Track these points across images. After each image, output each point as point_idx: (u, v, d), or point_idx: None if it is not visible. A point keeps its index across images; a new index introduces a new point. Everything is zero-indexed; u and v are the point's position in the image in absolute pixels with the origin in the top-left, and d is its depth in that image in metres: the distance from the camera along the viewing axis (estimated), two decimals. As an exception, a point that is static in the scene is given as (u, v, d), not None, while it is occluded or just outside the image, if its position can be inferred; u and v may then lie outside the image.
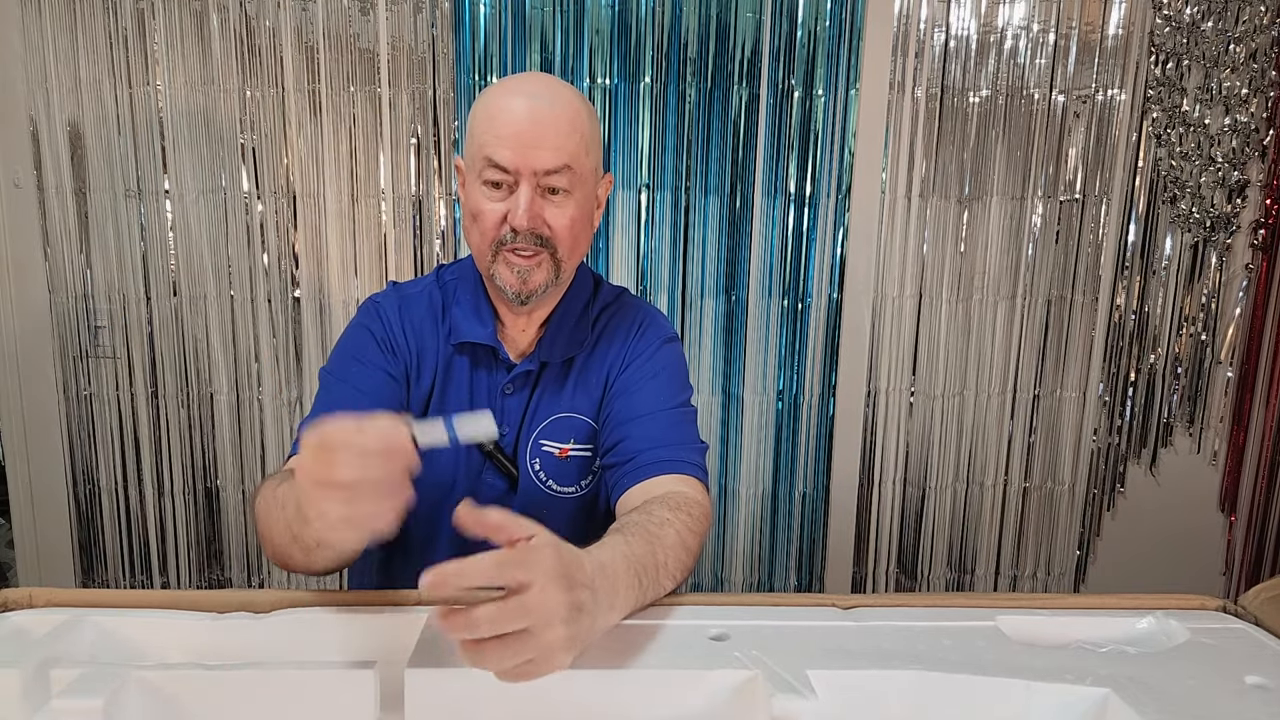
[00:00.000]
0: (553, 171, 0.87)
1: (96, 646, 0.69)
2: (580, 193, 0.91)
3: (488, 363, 0.99)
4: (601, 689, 0.63)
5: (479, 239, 0.91)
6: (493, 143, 0.87)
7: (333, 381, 0.95)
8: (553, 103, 0.87)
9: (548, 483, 1.00)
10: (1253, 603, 0.81)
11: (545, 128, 0.86)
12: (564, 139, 0.87)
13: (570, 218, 0.90)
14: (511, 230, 0.88)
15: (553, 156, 0.87)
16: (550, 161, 0.87)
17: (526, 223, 0.88)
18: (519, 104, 0.87)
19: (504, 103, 0.87)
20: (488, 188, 0.89)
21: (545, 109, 0.87)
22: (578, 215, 0.91)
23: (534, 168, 0.87)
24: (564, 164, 0.87)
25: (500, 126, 0.86)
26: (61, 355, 1.95)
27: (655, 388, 0.98)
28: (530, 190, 0.87)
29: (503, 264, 0.90)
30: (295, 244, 1.91)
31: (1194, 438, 2.06)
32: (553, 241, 0.90)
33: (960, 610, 0.78)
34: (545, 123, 0.86)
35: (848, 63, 1.87)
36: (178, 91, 1.84)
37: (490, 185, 0.89)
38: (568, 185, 0.89)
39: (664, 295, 1.95)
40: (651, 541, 0.75)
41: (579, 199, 0.91)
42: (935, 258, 1.97)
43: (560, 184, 0.88)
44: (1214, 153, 1.91)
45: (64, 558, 2.02)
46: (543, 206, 0.89)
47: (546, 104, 0.87)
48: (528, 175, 0.87)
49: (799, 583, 2.09)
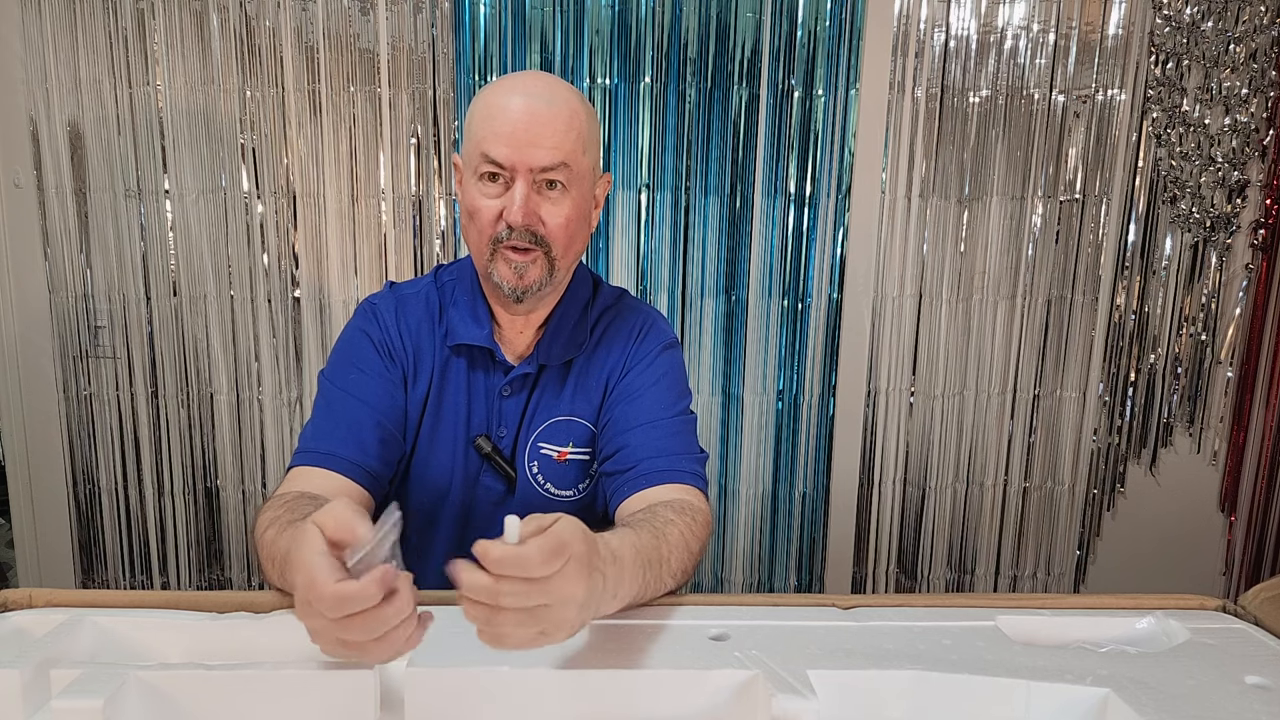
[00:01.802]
0: (549, 168, 0.87)
1: (96, 646, 0.69)
2: (577, 191, 0.91)
3: (485, 365, 0.99)
4: (601, 689, 0.63)
5: (476, 236, 0.91)
6: (490, 139, 0.87)
7: (332, 390, 0.95)
8: (550, 101, 0.87)
9: (545, 486, 0.99)
10: (1253, 603, 0.81)
11: (542, 125, 0.86)
12: (560, 137, 0.87)
13: (565, 216, 0.90)
14: (507, 226, 0.88)
15: (549, 154, 0.87)
16: (546, 159, 0.87)
17: (521, 218, 0.87)
18: (517, 102, 0.87)
19: (502, 100, 0.87)
20: (484, 183, 0.89)
21: (543, 107, 0.87)
22: (573, 214, 0.91)
23: (530, 164, 0.87)
24: (560, 161, 0.87)
25: (498, 124, 0.86)
26: (61, 355, 1.95)
27: (655, 395, 0.97)
28: (526, 186, 0.87)
29: (500, 261, 0.90)
30: (295, 244, 1.91)
31: (1194, 438, 2.06)
32: (547, 239, 0.90)
33: (960, 610, 0.78)
34: (542, 120, 0.86)
35: (848, 63, 1.87)
36: (178, 91, 1.84)
37: (487, 181, 0.89)
38: (564, 182, 0.89)
39: (664, 295, 1.95)
40: (658, 537, 0.76)
41: (575, 198, 0.91)
42: (935, 258, 1.97)
43: (558, 179, 0.89)
44: (1214, 153, 1.91)
45: (64, 558, 2.02)
46: (538, 203, 0.89)
47: (544, 102, 0.87)
48: (524, 172, 0.87)
49: (799, 583, 2.09)
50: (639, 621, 0.73)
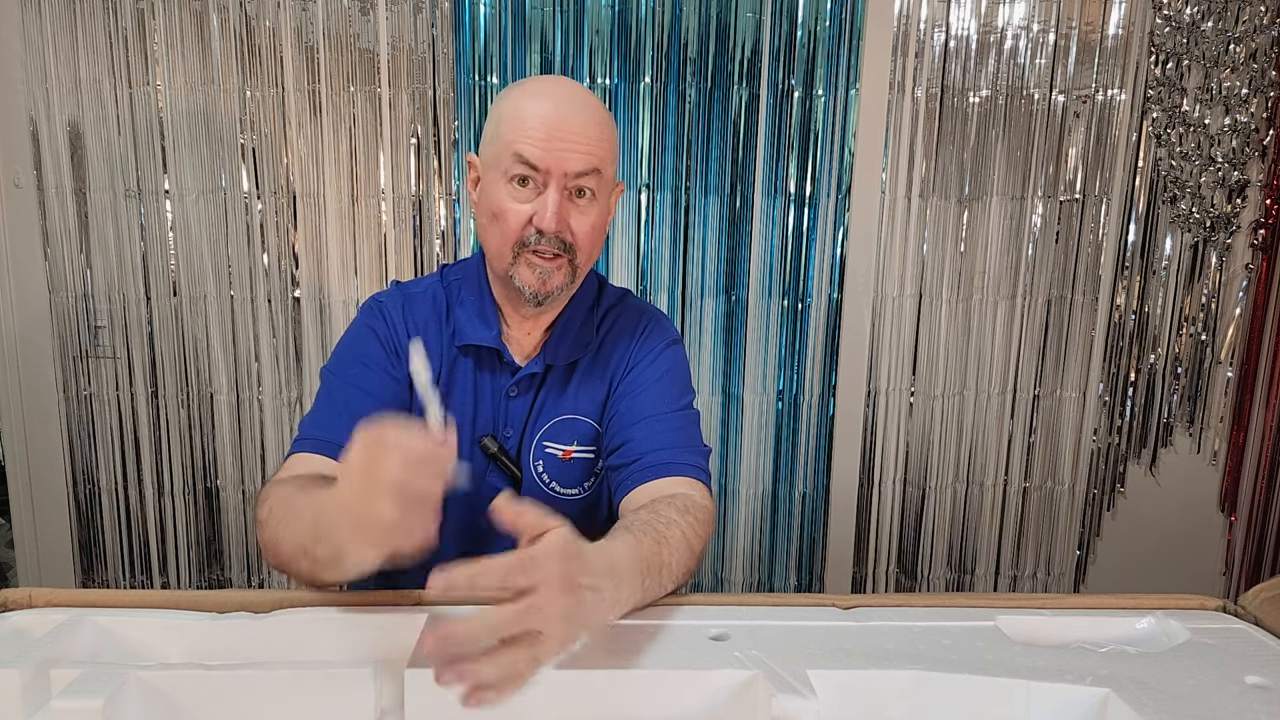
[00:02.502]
0: (583, 174, 0.87)
1: (96, 646, 0.69)
2: (602, 199, 0.92)
3: (492, 365, 0.99)
4: (601, 689, 0.63)
5: (500, 238, 0.90)
6: (523, 140, 0.86)
7: (335, 381, 0.95)
8: (583, 107, 0.88)
9: (551, 484, 1.00)
10: (1253, 603, 0.81)
11: (577, 130, 0.86)
12: (594, 144, 0.87)
13: (592, 224, 0.90)
14: (537, 231, 0.88)
15: (583, 160, 0.87)
16: (581, 164, 0.87)
17: (554, 225, 0.87)
18: (549, 106, 0.86)
19: (535, 103, 0.87)
20: (514, 186, 0.88)
21: (577, 112, 0.87)
22: (599, 222, 0.92)
23: (565, 169, 0.86)
24: (594, 168, 0.88)
25: (531, 126, 0.86)
26: (61, 355, 1.95)
27: (660, 390, 0.98)
28: (558, 192, 0.87)
29: (524, 265, 0.90)
30: (295, 244, 1.91)
31: (1194, 438, 2.06)
32: (574, 247, 0.90)
33: (960, 610, 0.78)
34: (577, 125, 0.86)
35: (848, 63, 1.87)
36: (178, 91, 1.84)
37: (517, 183, 0.88)
38: (594, 189, 0.89)
39: (664, 295, 1.95)
40: (659, 541, 0.76)
41: (601, 205, 0.91)
42: (935, 258, 1.97)
43: (588, 186, 0.89)
44: (1214, 153, 1.91)
45: (64, 558, 2.02)
46: (569, 210, 0.89)
47: (577, 108, 0.87)
48: (558, 176, 0.87)
49: (799, 583, 2.09)
50: (639, 621, 0.73)
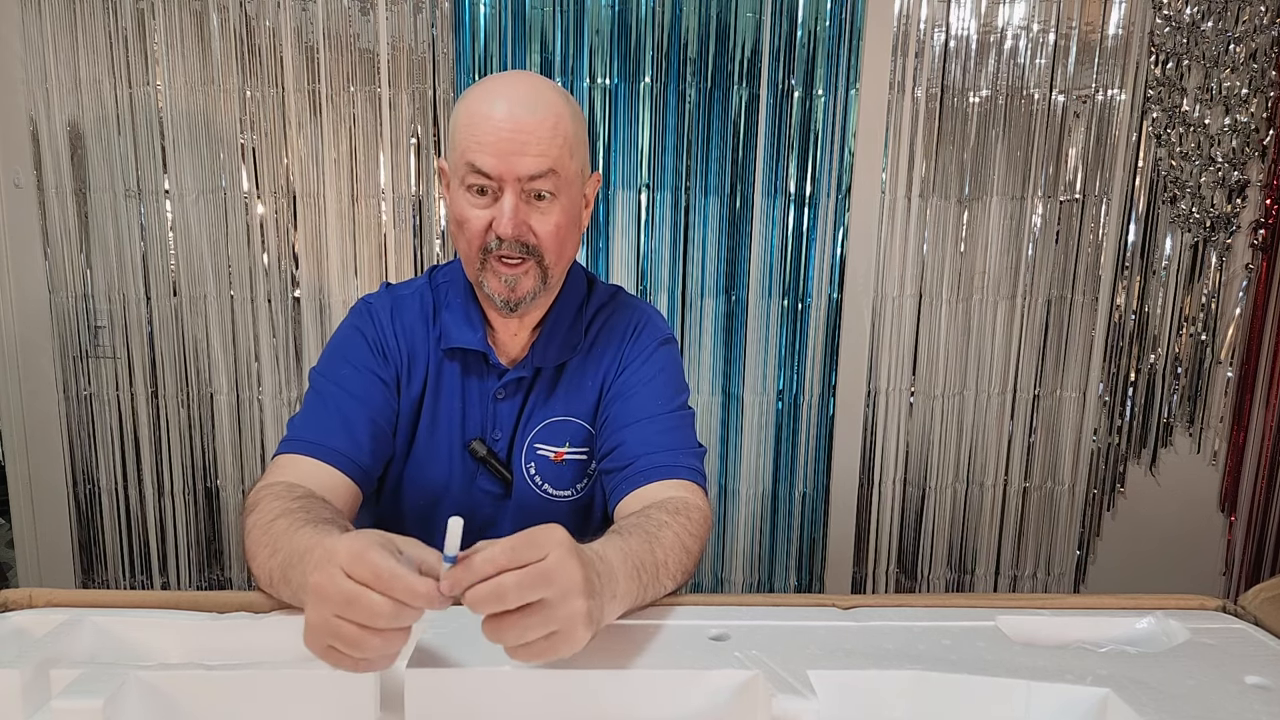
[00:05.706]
0: (537, 177, 0.85)
1: (96, 646, 0.69)
2: (566, 196, 0.89)
3: (479, 368, 0.98)
4: (601, 689, 0.63)
5: (465, 246, 0.90)
6: (475, 149, 0.84)
7: (323, 384, 0.94)
8: (534, 107, 0.85)
9: (543, 487, 0.99)
10: (1253, 603, 0.81)
11: (528, 134, 0.84)
12: (547, 144, 0.85)
13: (555, 223, 0.88)
14: (497, 237, 0.87)
15: (536, 163, 0.84)
16: (534, 167, 0.85)
17: (512, 230, 0.86)
18: (500, 109, 0.84)
19: (485, 108, 0.85)
20: (471, 194, 0.87)
21: (527, 114, 0.84)
22: (563, 220, 0.89)
23: (518, 174, 0.84)
24: (548, 169, 0.85)
25: (482, 132, 0.84)
26: (61, 355, 1.95)
27: (652, 392, 0.96)
28: (515, 197, 0.85)
29: (490, 273, 0.89)
30: (295, 244, 1.91)
31: (1194, 438, 2.06)
32: (539, 249, 0.88)
33: (960, 610, 0.78)
34: (528, 128, 0.84)
35: (848, 63, 1.87)
36: (178, 91, 1.84)
37: (474, 191, 0.87)
38: (553, 189, 0.87)
39: (664, 295, 1.95)
40: (649, 540, 0.75)
41: (565, 203, 0.89)
42: (935, 258, 1.96)
43: (545, 188, 0.86)
44: (1214, 153, 1.91)
45: (64, 558, 2.02)
46: (528, 213, 0.87)
47: (528, 109, 0.84)
48: (511, 182, 0.85)
49: (799, 583, 2.09)
50: (639, 621, 0.72)
